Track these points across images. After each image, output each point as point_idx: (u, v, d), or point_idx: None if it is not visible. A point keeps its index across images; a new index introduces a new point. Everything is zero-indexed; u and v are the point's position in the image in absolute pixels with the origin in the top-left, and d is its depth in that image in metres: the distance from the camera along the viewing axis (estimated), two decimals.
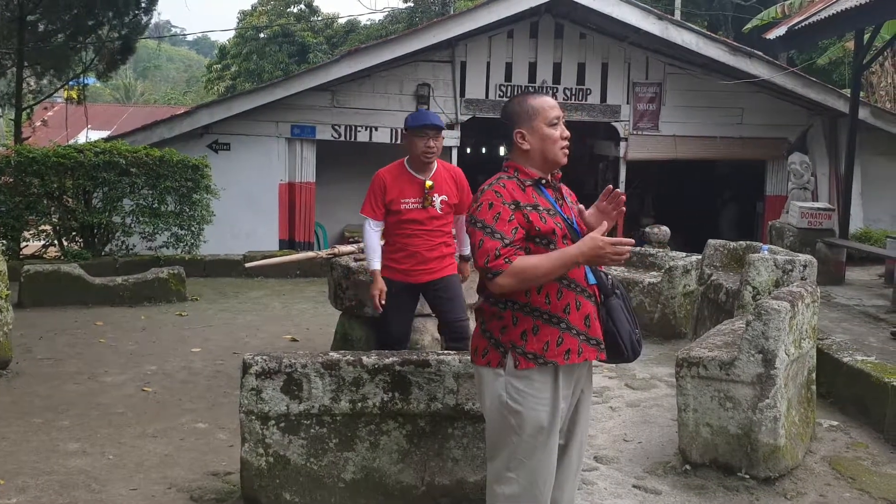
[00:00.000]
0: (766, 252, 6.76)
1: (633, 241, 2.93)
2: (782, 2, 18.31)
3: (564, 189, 3.06)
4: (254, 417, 3.45)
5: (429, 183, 4.70)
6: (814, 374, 4.75)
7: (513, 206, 2.81)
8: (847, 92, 12.92)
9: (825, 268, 9.39)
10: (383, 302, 4.71)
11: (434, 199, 4.69)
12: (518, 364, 2.79)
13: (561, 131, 2.93)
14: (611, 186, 3.09)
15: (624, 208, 3.02)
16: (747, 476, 4.03)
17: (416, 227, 4.71)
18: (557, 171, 3.00)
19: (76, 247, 10.51)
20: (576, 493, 3.18)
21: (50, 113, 20.87)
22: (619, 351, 2.92)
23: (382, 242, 4.87)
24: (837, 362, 5.32)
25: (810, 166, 12.83)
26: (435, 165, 4.76)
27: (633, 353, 2.95)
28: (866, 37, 11.54)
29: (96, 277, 8.69)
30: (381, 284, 4.72)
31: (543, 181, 2.94)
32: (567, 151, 2.97)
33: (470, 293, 4.20)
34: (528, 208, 2.83)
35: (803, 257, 6.38)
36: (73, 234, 10.53)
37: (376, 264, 4.76)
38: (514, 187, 2.87)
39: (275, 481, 3.46)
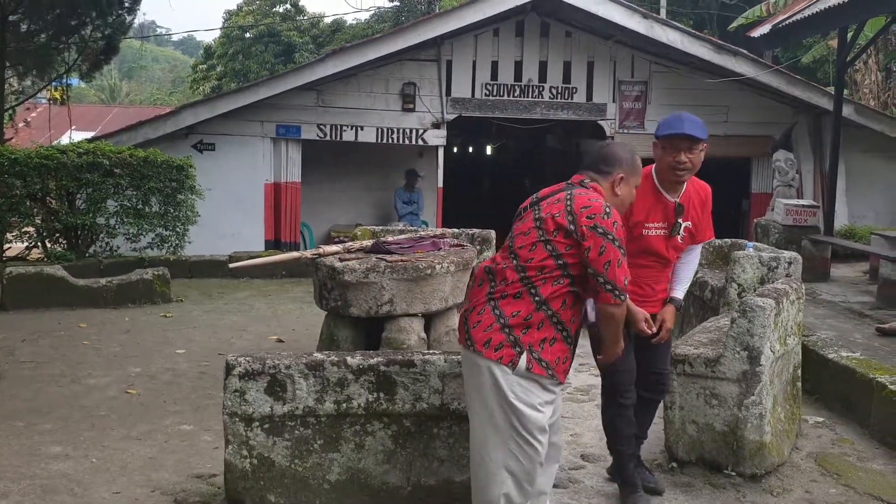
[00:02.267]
0: (751, 249, 6.77)
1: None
2: (767, 0, 18.41)
3: None
4: (237, 419, 3.42)
5: (680, 206, 3.77)
6: (799, 371, 4.76)
7: None
8: (831, 89, 12.97)
9: (810, 265, 9.42)
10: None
11: (680, 226, 3.77)
12: (531, 368, 2.90)
13: (633, 196, 3.34)
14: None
15: None
16: (733, 473, 4.03)
17: (655, 259, 3.79)
18: None
19: (59, 248, 10.43)
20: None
21: (33, 114, 20.68)
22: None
23: None
24: (823, 359, 5.34)
25: (795, 164, 12.86)
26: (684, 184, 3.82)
27: None
28: (850, 35, 11.59)
29: (80, 279, 8.62)
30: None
31: None
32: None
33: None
34: None
35: (788, 254, 6.39)
36: (57, 235, 10.44)
37: None
38: None
39: (259, 483, 3.43)
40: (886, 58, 17.97)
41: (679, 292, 3.88)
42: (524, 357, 2.88)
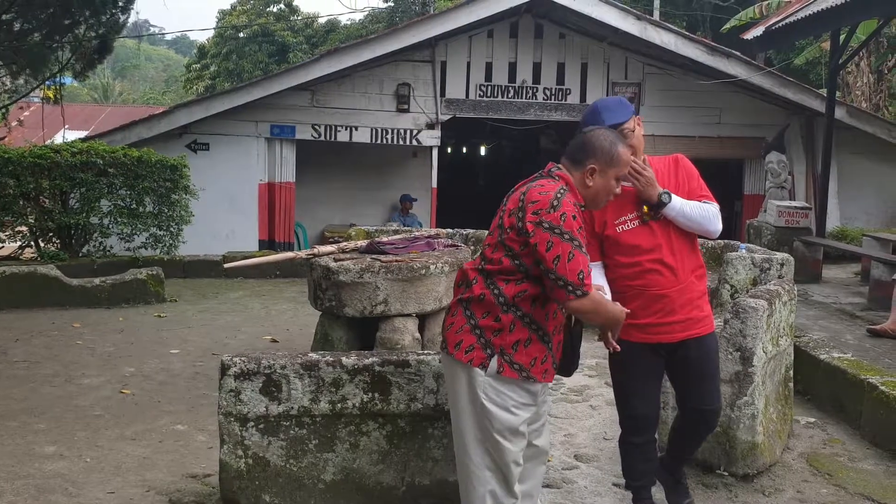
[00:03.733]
0: (743, 251, 6.81)
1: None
2: (760, 2, 18.48)
3: None
4: (232, 419, 3.43)
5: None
6: (791, 372, 4.79)
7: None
8: (823, 92, 13.05)
9: (802, 266, 9.48)
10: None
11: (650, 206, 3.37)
12: (502, 370, 2.83)
13: (617, 188, 3.02)
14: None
15: None
16: (726, 473, 4.06)
17: (652, 259, 3.34)
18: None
19: (53, 248, 10.42)
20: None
21: (26, 113, 20.64)
22: (570, 370, 3.08)
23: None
24: (814, 360, 5.37)
25: (787, 165, 12.94)
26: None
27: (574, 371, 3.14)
28: (842, 37, 11.66)
29: (73, 279, 8.61)
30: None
31: (583, 207, 2.98)
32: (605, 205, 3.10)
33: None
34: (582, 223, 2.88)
35: (780, 256, 6.44)
36: (50, 235, 10.43)
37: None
38: (573, 201, 2.88)
39: (254, 483, 3.44)
40: (878, 60, 18.06)
41: (676, 198, 3.33)
42: (495, 360, 2.82)
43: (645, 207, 3.33)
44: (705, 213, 3.34)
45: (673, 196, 3.30)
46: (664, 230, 3.32)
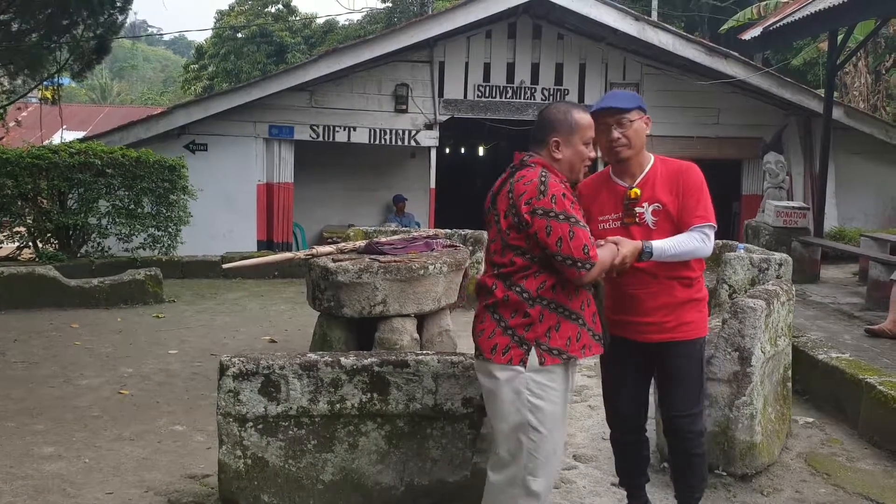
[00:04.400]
0: (742, 251, 6.82)
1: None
2: (758, 3, 18.49)
3: None
4: (231, 419, 3.43)
5: (635, 190, 3.31)
6: (789, 372, 4.79)
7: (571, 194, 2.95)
8: (821, 92, 13.05)
9: (800, 266, 9.49)
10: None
11: (634, 212, 3.28)
12: (544, 360, 2.88)
13: (590, 151, 3.05)
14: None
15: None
16: (724, 473, 4.06)
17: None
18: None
19: (51, 248, 10.41)
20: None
21: (24, 113, 20.61)
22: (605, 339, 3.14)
23: None
24: (813, 360, 5.38)
25: (785, 166, 12.93)
26: (646, 164, 3.36)
27: (607, 343, 3.16)
28: (840, 38, 11.67)
29: (72, 279, 8.60)
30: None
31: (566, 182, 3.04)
32: (587, 171, 3.13)
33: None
34: (575, 198, 2.98)
35: (779, 256, 6.45)
36: (48, 235, 10.42)
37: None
38: (560, 180, 2.96)
39: (253, 483, 3.44)
40: (876, 60, 18.09)
41: (656, 242, 3.17)
42: (533, 353, 2.87)
43: (627, 211, 3.28)
44: (691, 246, 3.20)
45: (653, 245, 3.15)
46: (645, 235, 3.22)
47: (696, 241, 3.21)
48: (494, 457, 3.01)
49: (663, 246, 3.16)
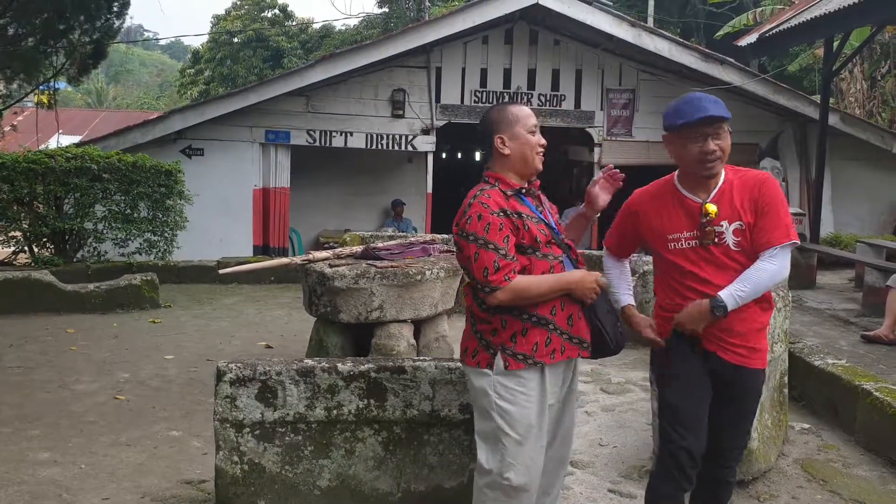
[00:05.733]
0: None
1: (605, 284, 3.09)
2: (754, 9, 18.57)
3: (543, 197, 3.15)
4: (228, 425, 3.43)
5: (711, 207, 2.97)
6: (786, 378, 4.80)
7: (501, 214, 2.89)
8: (817, 98, 13.09)
9: (796, 272, 9.50)
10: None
11: (712, 231, 2.95)
12: (508, 365, 2.88)
13: (538, 139, 3.03)
14: (611, 165, 3.26)
15: (621, 183, 3.16)
16: None
17: (694, 285, 2.97)
18: (535, 179, 3.10)
19: (47, 253, 10.39)
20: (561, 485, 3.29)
21: (20, 118, 20.61)
22: (604, 344, 3.04)
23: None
24: (809, 366, 5.39)
25: (781, 171, 12.99)
26: (720, 175, 3.05)
27: (617, 345, 3.07)
28: (836, 44, 11.72)
29: (68, 284, 8.58)
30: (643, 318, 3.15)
31: (523, 190, 3.02)
32: (543, 158, 3.06)
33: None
34: (515, 216, 2.91)
35: None
36: (44, 240, 10.40)
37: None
38: (498, 196, 2.94)
39: (250, 489, 3.44)
40: (871, 67, 18.15)
41: (726, 291, 2.87)
42: (499, 357, 2.89)
43: (704, 231, 2.95)
44: (766, 280, 2.89)
45: (726, 300, 2.86)
46: (726, 257, 2.93)
47: (773, 269, 2.89)
48: (478, 459, 3.02)
49: (738, 294, 2.87)
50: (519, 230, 2.89)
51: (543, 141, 3.06)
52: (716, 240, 2.93)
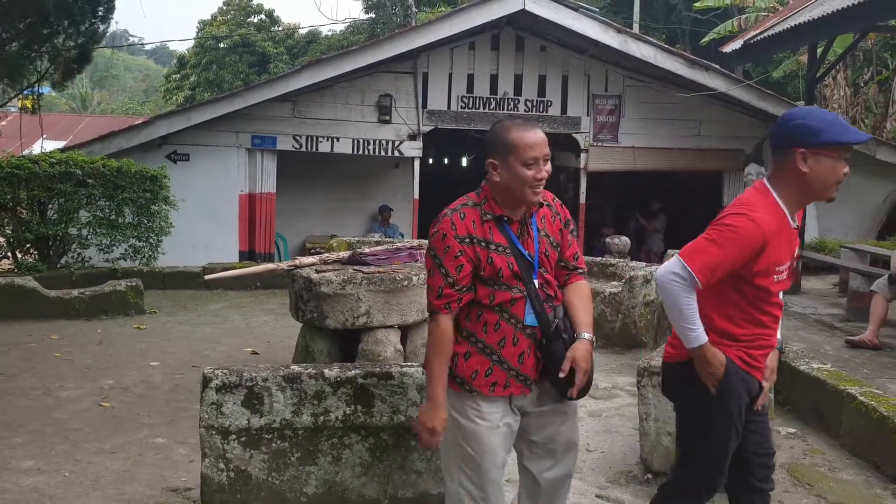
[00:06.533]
0: None
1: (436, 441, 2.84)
2: (738, 16, 18.69)
3: (539, 217, 2.91)
4: (214, 432, 3.40)
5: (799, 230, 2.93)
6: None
7: (466, 240, 2.76)
8: (801, 104, 13.18)
9: None
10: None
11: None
12: (448, 384, 2.82)
13: (535, 172, 2.76)
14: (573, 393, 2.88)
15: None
16: None
17: (775, 315, 2.95)
18: (532, 207, 2.87)
19: (31, 259, 10.30)
20: None
21: (3, 123, 20.46)
22: (560, 388, 2.85)
23: None
24: (794, 370, 5.41)
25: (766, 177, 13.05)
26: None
27: (563, 397, 2.88)
28: (819, 51, 11.81)
29: (51, 290, 8.52)
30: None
31: (505, 218, 2.82)
32: (539, 191, 2.81)
33: None
34: (481, 244, 2.77)
35: None
36: (28, 246, 10.31)
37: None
38: (475, 218, 2.80)
39: (236, 496, 3.41)
40: (854, 73, 18.31)
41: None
42: None
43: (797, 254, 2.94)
44: None
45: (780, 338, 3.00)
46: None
47: None
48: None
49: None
50: (481, 261, 2.75)
51: (543, 174, 2.78)
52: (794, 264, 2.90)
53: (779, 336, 2.99)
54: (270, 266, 6.15)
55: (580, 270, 3.02)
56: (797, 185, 2.82)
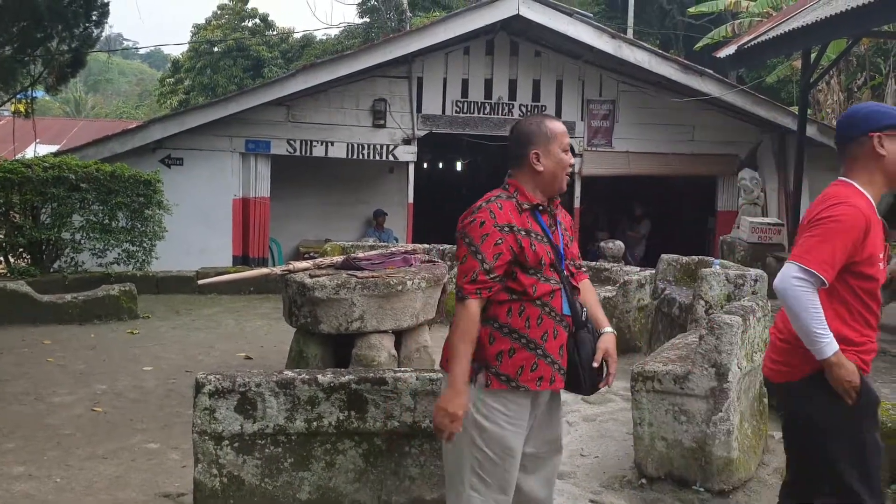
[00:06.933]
0: (717, 267, 6.86)
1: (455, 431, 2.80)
2: (732, 21, 18.74)
3: (560, 214, 3.06)
4: (207, 437, 3.39)
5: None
6: (765, 387, 4.82)
7: (506, 229, 2.81)
8: (795, 109, 13.22)
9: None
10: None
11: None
12: (490, 384, 2.82)
13: (569, 158, 2.97)
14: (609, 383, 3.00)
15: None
16: (702, 489, 4.07)
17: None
18: (557, 197, 3.01)
19: (23, 264, 10.27)
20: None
21: None
22: (578, 382, 2.93)
23: None
24: None
25: (760, 182, 13.10)
26: None
27: (591, 387, 2.95)
28: (813, 56, 11.86)
29: (44, 295, 8.48)
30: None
31: (540, 207, 2.93)
32: (568, 179, 3.01)
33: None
34: (522, 233, 2.84)
35: (754, 272, 6.49)
36: (21, 250, 10.28)
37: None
38: (512, 209, 2.87)
39: (229, 502, 3.40)
40: (848, 78, 18.36)
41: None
42: (482, 374, 2.82)
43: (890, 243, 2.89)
44: None
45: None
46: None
47: None
48: (446, 470, 2.99)
49: None
50: (524, 249, 2.81)
51: (573, 160, 3.03)
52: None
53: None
54: (264, 271, 6.14)
55: (584, 269, 3.17)
56: (877, 171, 2.85)
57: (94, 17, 13.46)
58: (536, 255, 2.83)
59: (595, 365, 2.91)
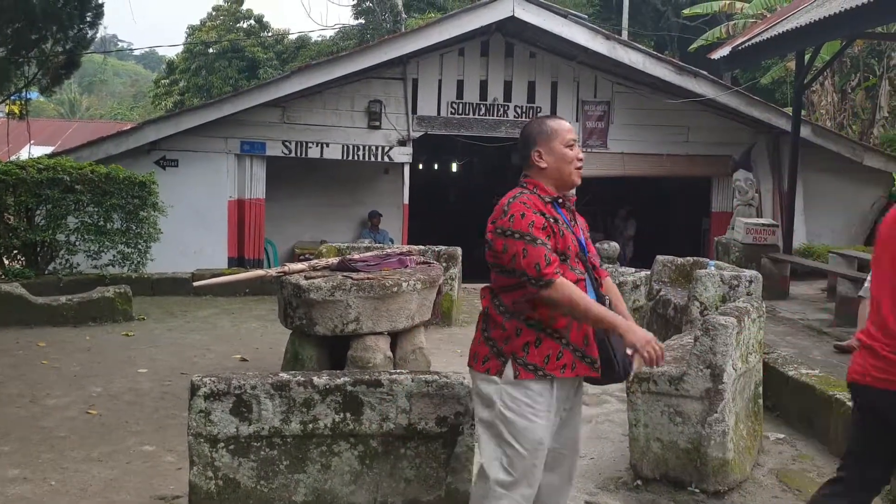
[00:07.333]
0: (712, 268, 6.88)
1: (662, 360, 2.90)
2: (727, 22, 18.78)
3: (576, 212, 3.18)
4: (202, 440, 3.38)
5: None
6: (760, 388, 4.83)
7: (541, 215, 2.91)
8: (789, 110, 13.26)
9: (770, 283, 9.59)
10: None
11: None
12: (518, 374, 2.89)
13: (575, 153, 3.06)
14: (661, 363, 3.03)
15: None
16: (697, 490, 4.08)
17: None
18: (572, 194, 3.07)
19: (18, 265, 10.23)
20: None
21: None
22: (612, 369, 2.99)
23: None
24: (783, 376, 5.43)
25: (754, 183, 13.13)
26: None
27: (624, 372, 3.04)
28: (807, 57, 11.89)
29: (39, 297, 8.46)
30: None
31: (560, 199, 3.05)
32: (581, 172, 3.10)
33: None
34: (552, 220, 2.94)
35: (748, 273, 6.51)
36: (15, 252, 10.25)
37: None
38: (537, 200, 2.97)
39: None
40: (842, 80, 18.41)
41: None
42: (509, 365, 2.89)
43: None
44: None
45: None
46: None
47: None
48: (481, 465, 3.02)
49: None
50: (555, 235, 2.91)
51: (581, 155, 3.11)
52: None
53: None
54: (259, 273, 6.13)
55: (604, 268, 3.29)
56: None
57: (88, 19, 13.43)
58: (565, 241, 2.93)
59: (629, 352, 2.96)
